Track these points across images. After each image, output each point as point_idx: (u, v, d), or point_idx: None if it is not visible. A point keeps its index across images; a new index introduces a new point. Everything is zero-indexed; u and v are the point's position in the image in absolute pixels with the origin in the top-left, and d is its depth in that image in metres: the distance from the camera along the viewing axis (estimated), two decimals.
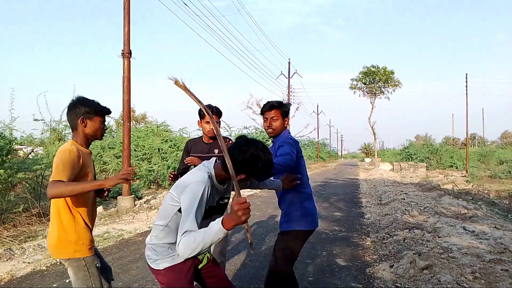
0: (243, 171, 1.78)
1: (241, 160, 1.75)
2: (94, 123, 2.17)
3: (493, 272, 3.74)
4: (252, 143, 1.80)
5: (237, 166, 1.73)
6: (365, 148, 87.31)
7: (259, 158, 1.77)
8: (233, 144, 1.83)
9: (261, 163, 1.78)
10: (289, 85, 30.35)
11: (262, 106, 2.70)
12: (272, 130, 2.66)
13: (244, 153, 1.75)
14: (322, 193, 12.31)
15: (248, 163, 1.76)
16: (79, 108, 2.15)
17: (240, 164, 1.75)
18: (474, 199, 11.84)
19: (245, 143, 1.80)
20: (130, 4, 8.62)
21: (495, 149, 41.85)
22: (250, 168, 1.78)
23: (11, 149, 6.34)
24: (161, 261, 1.87)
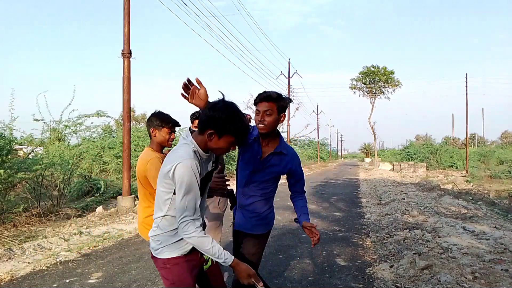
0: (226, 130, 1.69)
1: (222, 116, 1.67)
2: (162, 133, 2.63)
3: (493, 272, 3.74)
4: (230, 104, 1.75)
5: (218, 122, 1.67)
6: (365, 148, 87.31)
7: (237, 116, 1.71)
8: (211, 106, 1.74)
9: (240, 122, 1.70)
10: (289, 85, 30.34)
11: (257, 95, 2.33)
12: (264, 126, 2.26)
13: (223, 111, 1.69)
14: (322, 193, 12.31)
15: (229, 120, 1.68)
16: (152, 120, 2.65)
17: (220, 121, 1.67)
18: (474, 199, 11.84)
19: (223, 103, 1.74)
20: (130, 4, 8.62)
21: (495, 149, 41.87)
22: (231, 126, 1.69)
23: (11, 149, 6.33)
24: (166, 248, 1.79)
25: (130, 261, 4.49)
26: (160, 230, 1.80)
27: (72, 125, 12.17)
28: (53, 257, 4.63)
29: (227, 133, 1.69)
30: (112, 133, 15.72)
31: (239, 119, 1.70)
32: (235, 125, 1.69)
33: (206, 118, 1.70)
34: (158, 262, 1.83)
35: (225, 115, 1.67)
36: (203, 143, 1.73)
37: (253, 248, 2.42)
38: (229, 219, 2.93)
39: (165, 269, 1.80)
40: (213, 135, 1.69)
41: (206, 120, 1.70)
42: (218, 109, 1.69)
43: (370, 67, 30.40)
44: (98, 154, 12.75)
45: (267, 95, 2.26)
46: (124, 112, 8.75)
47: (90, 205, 7.92)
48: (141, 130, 14.84)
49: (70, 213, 7.03)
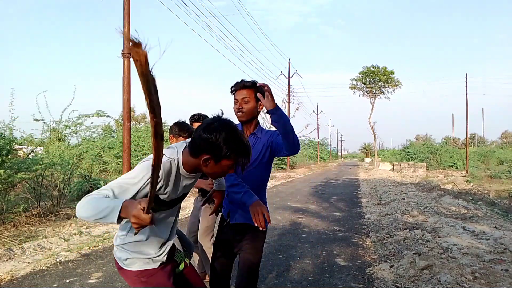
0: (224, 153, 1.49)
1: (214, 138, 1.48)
2: (178, 141, 2.80)
3: (493, 272, 3.74)
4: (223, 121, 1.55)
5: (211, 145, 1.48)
6: (365, 148, 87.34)
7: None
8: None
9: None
10: (289, 85, 30.35)
11: (233, 85, 2.30)
12: (242, 114, 2.24)
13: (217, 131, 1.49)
14: (322, 193, 12.31)
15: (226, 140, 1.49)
16: (172, 128, 2.88)
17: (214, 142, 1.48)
18: (474, 199, 11.84)
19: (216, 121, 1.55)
20: (130, 4, 8.62)
21: (495, 149, 41.88)
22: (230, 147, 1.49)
23: (11, 149, 6.33)
24: (136, 260, 1.60)
25: None
26: (130, 238, 1.60)
27: (72, 125, 12.17)
28: (53, 257, 4.63)
29: (226, 158, 1.50)
30: (112, 133, 15.73)
31: (238, 140, 1.51)
32: (235, 149, 1.50)
33: (201, 141, 1.49)
34: (128, 275, 1.61)
35: (223, 138, 1.47)
36: (194, 165, 1.55)
37: (259, 241, 2.32)
38: None
39: (141, 283, 1.61)
40: (209, 161, 1.50)
41: (201, 144, 1.49)
42: (213, 130, 1.48)
43: (370, 67, 30.42)
44: (98, 154, 12.76)
45: (243, 84, 2.25)
46: (124, 112, 8.75)
47: None
48: (141, 130, 14.86)
49: (70, 213, 7.03)
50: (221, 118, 1.57)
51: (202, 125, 1.53)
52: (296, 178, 20.31)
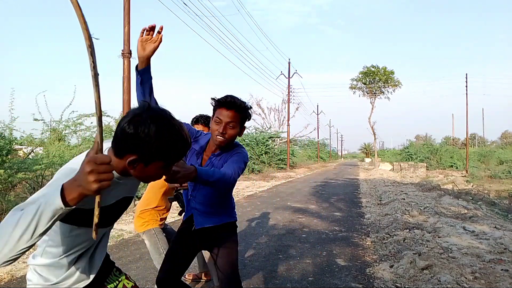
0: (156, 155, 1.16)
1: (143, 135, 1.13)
2: None
3: (493, 272, 3.74)
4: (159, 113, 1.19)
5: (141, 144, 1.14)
6: (365, 148, 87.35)
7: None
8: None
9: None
10: (289, 85, 30.35)
11: (219, 98, 1.96)
12: (223, 140, 1.94)
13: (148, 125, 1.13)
14: (322, 193, 12.31)
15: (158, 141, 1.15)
16: None
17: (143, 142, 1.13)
18: (474, 199, 11.84)
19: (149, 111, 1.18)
20: (130, 4, 8.63)
21: (495, 149, 41.90)
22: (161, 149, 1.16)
23: (11, 149, 6.34)
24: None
25: (130, 261, 4.49)
26: (43, 259, 1.30)
27: (72, 125, 12.17)
28: None
29: (158, 160, 1.18)
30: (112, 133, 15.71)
31: (174, 137, 1.18)
32: (169, 147, 1.17)
33: (125, 137, 1.13)
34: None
35: (154, 133, 1.13)
36: (120, 167, 1.19)
37: (233, 243, 2.19)
38: None
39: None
40: (136, 163, 1.16)
41: (124, 141, 1.14)
42: (141, 123, 1.13)
43: (370, 67, 30.42)
44: None
45: (232, 102, 1.92)
46: (124, 112, 8.76)
47: None
48: None
49: None
50: (151, 107, 1.19)
51: (126, 117, 1.16)
52: (296, 178, 20.31)
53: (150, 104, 1.20)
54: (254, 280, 3.84)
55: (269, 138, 27.06)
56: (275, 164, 25.55)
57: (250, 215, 7.68)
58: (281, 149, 28.49)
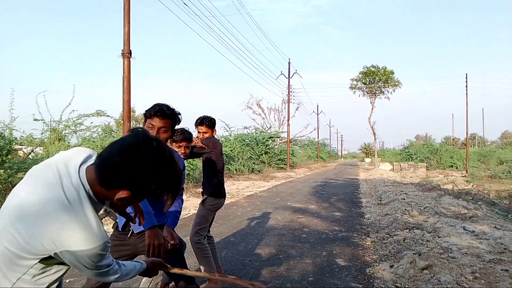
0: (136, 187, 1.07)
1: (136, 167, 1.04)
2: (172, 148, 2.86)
3: (493, 272, 3.74)
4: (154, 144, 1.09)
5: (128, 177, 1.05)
6: (365, 148, 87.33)
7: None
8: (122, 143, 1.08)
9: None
10: (289, 85, 30.35)
11: (151, 107, 2.15)
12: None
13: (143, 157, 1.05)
14: (322, 193, 12.31)
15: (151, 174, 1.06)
16: None
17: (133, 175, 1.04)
18: (474, 199, 11.84)
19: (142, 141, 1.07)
20: (130, 4, 8.63)
21: (495, 149, 41.90)
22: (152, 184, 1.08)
23: (11, 149, 6.34)
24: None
25: None
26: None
27: (72, 125, 12.16)
28: None
29: (152, 195, 1.11)
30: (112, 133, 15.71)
31: (174, 174, 1.12)
32: (167, 185, 1.11)
33: (120, 172, 1.04)
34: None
35: (154, 171, 1.06)
36: (102, 196, 1.10)
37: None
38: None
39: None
40: (126, 198, 1.09)
41: (119, 175, 1.04)
42: (140, 157, 1.04)
43: (370, 67, 30.42)
44: None
45: (161, 110, 2.11)
46: (124, 112, 8.76)
47: None
48: None
49: None
50: (150, 138, 1.09)
51: (119, 147, 1.05)
52: (296, 178, 20.31)
53: (145, 133, 1.10)
54: (254, 280, 3.83)
55: (269, 138, 27.06)
56: (275, 164, 25.54)
57: (250, 215, 7.68)
58: (281, 149, 28.50)
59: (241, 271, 4.12)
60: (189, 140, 3.01)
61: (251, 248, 5.06)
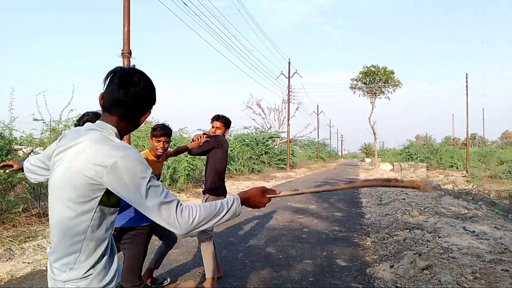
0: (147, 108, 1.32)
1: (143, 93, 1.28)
2: (153, 141, 3.12)
3: (493, 272, 3.74)
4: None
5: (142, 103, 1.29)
6: (365, 148, 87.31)
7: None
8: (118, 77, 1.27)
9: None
10: (289, 85, 30.33)
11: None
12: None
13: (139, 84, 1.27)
14: (322, 193, 12.30)
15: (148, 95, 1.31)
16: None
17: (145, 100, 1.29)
18: (474, 199, 11.84)
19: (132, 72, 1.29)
20: (130, 4, 8.62)
21: (496, 149, 41.90)
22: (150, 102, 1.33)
23: (11, 149, 6.33)
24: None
25: None
26: (82, 269, 1.21)
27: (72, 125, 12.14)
28: None
29: (149, 109, 1.39)
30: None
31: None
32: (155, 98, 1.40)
33: (141, 98, 1.30)
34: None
35: (153, 88, 1.35)
36: (124, 129, 1.34)
37: (139, 238, 2.85)
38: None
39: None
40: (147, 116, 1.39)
41: (142, 102, 1.31)
42: (142, 81, 1.30)
43: (370, 67, 30.38)
44: None
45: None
46: None
47: None
48: (141, 130, 14.81)
49: None
50: (123, 68, 1.31)
51: (119, 81, 1.25)
52: (296, 178, 20.31)
53: (120, 67, 1.29)
54: (254, 280, 3.83)
55: (269, 138, 27.05)
56: (275, 164, 25.53)
57: (250, 215, 7.68)
58: (281, 149, 28.49)
59: (241, 271, 4.12)
60: (168, 135, 3.12)
61: (251, 248, 5.06)
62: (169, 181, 10.77)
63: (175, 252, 4.78)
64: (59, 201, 1.20)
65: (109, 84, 1.26)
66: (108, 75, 1.28)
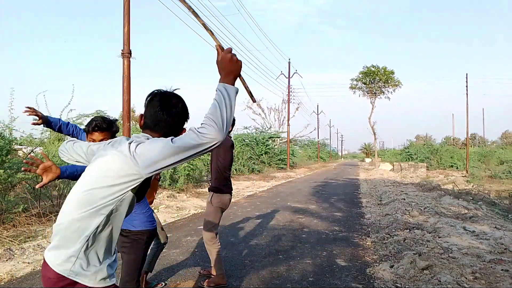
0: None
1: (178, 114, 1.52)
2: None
3: (493, 272, 3.74)
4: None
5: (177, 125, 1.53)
6: (365, 148, 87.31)
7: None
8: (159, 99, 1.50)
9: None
10: (289, 85, 30.33)
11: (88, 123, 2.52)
12: None
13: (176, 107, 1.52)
14: (322, 193, 12.31)
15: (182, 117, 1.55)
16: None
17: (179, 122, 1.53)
18: (474, 199, 11.83)
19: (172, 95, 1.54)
20: (130, 4, 8.62)
21: (496, 149, 41.88)
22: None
23: (11, 149, 6.33)
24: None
25: None
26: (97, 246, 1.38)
27: None
28: None
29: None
30: None
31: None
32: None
33: (182, 117, 1.55)
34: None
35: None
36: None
37: (138, 244, 2.64)
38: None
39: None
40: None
41: (182, 120, 1.56)
42: (180, 102, 1.56)
43: (370, 67, 30.38)
44: None
45: (98, 125, 2.44)
46: (124, 112, 8.76)
47: None
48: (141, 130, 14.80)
49: None
50: (161, 91, 1.55)
51: (160, 103, 1.48)
52: (296, 178, 20.30)
53: (157, 90, 1.54)
54: (254, 280, 3.83)
55: (269, 138, 27.06)
56: (275, 164, 25.53)
57: (250, 215, 7.68)
58: (281, 149, 28.48)
59: (241, 271, 4.12)
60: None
61: (251, 248, 5.06)
62: (169, 181, 10.76)
63: (175, 252, 4.78)
64: None
65: (150, 106, 1.49)
66: (148, 98, 1.52)
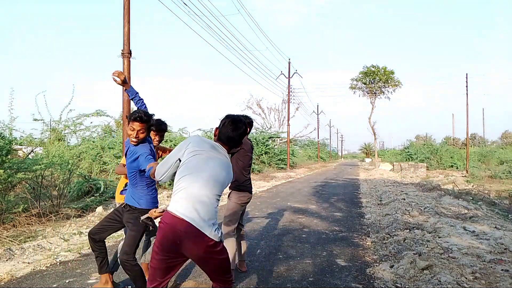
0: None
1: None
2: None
3: (493, 272, 3.74)
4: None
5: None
6: (365, 148, 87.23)
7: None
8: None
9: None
10: (289, 85, 30.33)
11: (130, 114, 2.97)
12: (136, 141, 2.98)
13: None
14: (322, 193, 12.31)
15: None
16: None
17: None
18: (474, 199, 11.83)
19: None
20: (130, 4, 8.62)
21: (496, 149, 41.87)
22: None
23: (11, 149, 6.32)
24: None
25: None
26: (215, 213, 2.19)
27: (72, 125, 12.16)
28: (53, 257, 4.62)
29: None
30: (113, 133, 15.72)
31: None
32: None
33: (239, 138, 2.32)
34: (219, 243, 2.14)
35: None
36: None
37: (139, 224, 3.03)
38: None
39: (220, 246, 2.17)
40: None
41: (239, 140, 2.35)
42: (242, 124, 2.37)
43: (370, 67, 30.35)
44: (98, 154, 12.74)
45: (140, 116, 2.88)
46: (124, 112, 8.75)
47: (90, 205, 7.91)
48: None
49: (70, 213, 7.03)
50: (230, 116, 2.37)
51: (232, 126, 2.26)
52: (296, 178, 20.30)
53: (230, 115, 2.34)
54: (254, 280, 3.83)
55: (269, 138, 27.05)
56: (275, 164, 25.52)
57: (250, 215, 7.68)
58: (281, 149, 28.48)
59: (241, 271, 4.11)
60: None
61: (251, 248, 5.06)
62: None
63: None
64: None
65: (224, 127, 2.26)
66: (224, 119, 2.29)
